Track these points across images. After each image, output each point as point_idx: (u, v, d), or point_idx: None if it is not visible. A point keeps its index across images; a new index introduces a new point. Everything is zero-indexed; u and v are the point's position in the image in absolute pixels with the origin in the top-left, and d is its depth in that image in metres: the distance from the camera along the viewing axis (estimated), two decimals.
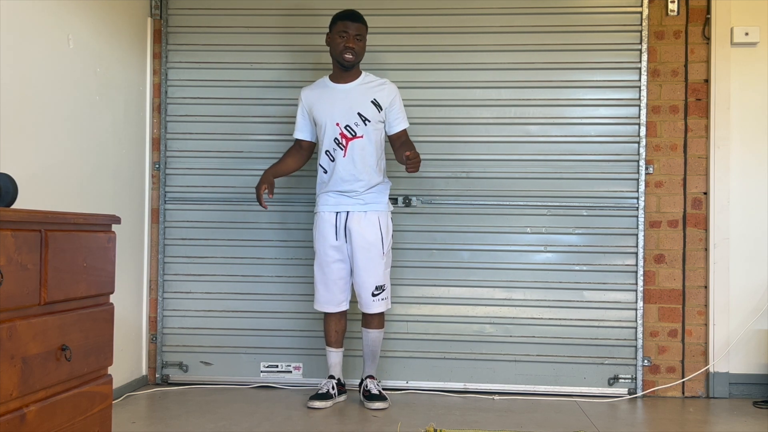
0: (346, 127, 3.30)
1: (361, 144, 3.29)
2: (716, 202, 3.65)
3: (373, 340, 3.43)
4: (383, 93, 3.34)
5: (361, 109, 3.30)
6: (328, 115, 3.32)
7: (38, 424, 1.84)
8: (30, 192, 2.69)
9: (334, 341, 3.45)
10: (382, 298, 3.34)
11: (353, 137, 3.30)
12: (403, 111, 3.38)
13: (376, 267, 3.31)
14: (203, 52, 3.87)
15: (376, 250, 3.30)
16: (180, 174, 3.87)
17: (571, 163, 3.73)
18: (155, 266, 3.85)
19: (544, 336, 3.72)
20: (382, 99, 3.33)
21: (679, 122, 3.71)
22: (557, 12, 3.74)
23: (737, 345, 3.64)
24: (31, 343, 1.81)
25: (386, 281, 3.36)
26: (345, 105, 3.31)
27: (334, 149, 3.31)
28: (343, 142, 3.30)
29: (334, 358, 3.46)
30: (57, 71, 2.94)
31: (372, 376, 3.46)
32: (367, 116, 3.30)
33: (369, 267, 3.30)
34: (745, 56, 3.67)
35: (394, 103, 3.35)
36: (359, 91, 3.33)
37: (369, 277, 3.31)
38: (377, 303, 3.34)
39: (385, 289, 3.35)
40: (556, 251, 3.73)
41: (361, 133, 3.30)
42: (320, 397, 3.35)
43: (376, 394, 3.36)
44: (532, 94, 3.75)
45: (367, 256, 3.30)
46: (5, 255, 1.70)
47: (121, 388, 3.51)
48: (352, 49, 3.28)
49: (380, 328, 3.43)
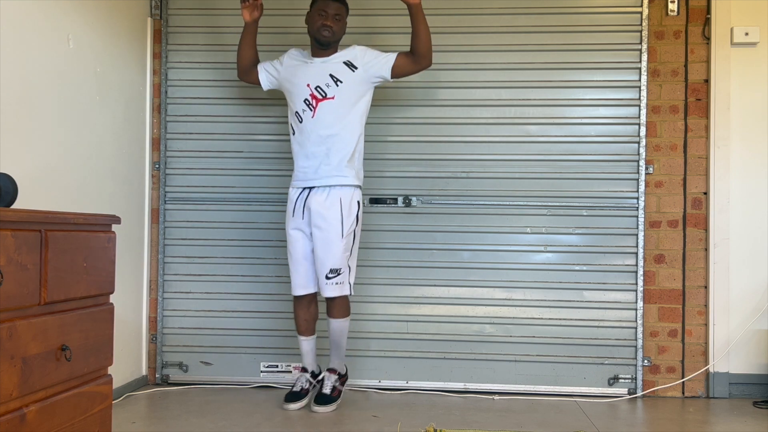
0: (317, 88, 3.25)
1: (331, 105, 3.24)
2: (716, 202, 3.65)
3: (335, 330, 3.33)
4: (353, 52, 3.31)
5: (332, 71, 3.27)
6: (301, 78, 3.29)
7: (38, 424, 1.84)
8: (30, 192, 2.69)
9: (304, 329, 3.37)
10: (336, 282, 3.21)
11: (323, 98, 3.24)
12: (380, 53, 3.30)
13: (333, 248, 3.19)
14: (203, 52, 3.87)
15: (335, 230, 3.19)
16: (180, 174, 3.87)
17: (571, 163, 3.73)
18: (155, 266, 3.85)
19: (544, 336, 3.72)
20: (354, 58, 3.29)
21: (679, 122, 3.71)
22: (557, 12, 3.74)
23: (737, 345, 3.64)
24: (31, 343, 1.81)
25: (344, 265, 3.23)
26: (318, 70, 3.29)
27: (304, 110, 3.26)
28: (313, 103, 3.24)
29: (305, 346, 3.39)
30: (57, 71, 2.94)
31: (333, 369, 3.37)
32: (339, 77, 3.25)
33: (325, 247, 3.20)
34: (745, 56, 3.67)
35: (366, 53, 3.29)
36: (333, 60, 3.31)
37: (324, 257, 3.20)
38: (330, 286, 3.21)
39: (341, 273, 3.22)
40: (556, 251, 3.73)
41: (332, 94, 3.24)
42: (294, 397, 3.32)
43: (325, 394, 3.28)
44: (532, 94, 3.75)
45: (323, 236, 3.20)
46: (5, 255, 1.70)
47: (121, 388, 3.51)
48: (330, 27, 3.26)
49: (343, 317, 3.31)
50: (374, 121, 3.68)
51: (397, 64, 3.29)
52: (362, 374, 3.74)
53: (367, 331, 3.76)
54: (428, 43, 3.26)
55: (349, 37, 3.45)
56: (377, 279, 3.76)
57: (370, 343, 3.76)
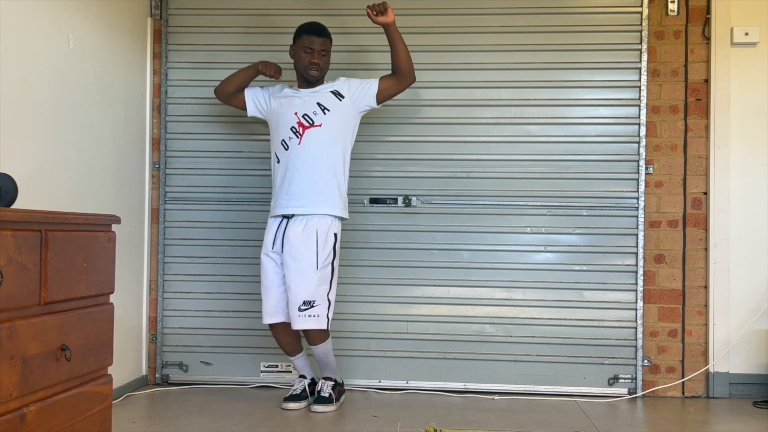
0: (304, 116, 3.26)
1: (318, 132, 3.24)
2: (716, 202, 3.65)
3: (318, 354, 3.30)
4: (338, 83, 3.33)
5: (320, 99, 3.28)
6: (287, 108, 3.29)
7: (38, 424, 1.84)
8: (30, 192, 2.69)
9: (290, 351, 3.37)
10: (310, 315, 3.15)
11: (311, 125, 3.25)
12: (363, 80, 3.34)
13: (307, 279, 3.14)
14: (203, 52, 3.87)
15: (308, 262, 3.15)
16: (180, 174, 3.87)
17: (571, 163, 3.73)
18: (155, 266, 3.85)
19: (544, 336, 3.72)
20: (341, 87, 3.31)
21: (679, 122, 3.71)
22: (557, 12, 3.74)
23: (737, 345, 3.64)
24: (31, 343, 1.81)
25: (319, 297, 3.16)
26: (305, 100, 3.30)
27: (290, 137, 3.25)
28: (300, 130, 3.24)
29: (296, 363, 3.41)
30: (57, 71, 2.94)
31: (329, 377, 3.36)
32: (327, 106, 3.26)
33: (298, 278, 3.15)
34: (745, 56, 3.67)
35: (350, 83, 3.32)
36: (322, 91, 3.32)
37: (297, 288, 3.15)
38: (303, 319, 3.15)
39: (315, 306, 3.15)
40: (556, 251, 3.73)
41: (319, 122, 3.25)
42: (294, 398, 3.32)
43: (325, 397, 3.28)
44: (532, 94, 3.75)
45: (297, 267, 3.16)
46: (5, 255, 1.70)
47: (121, 388, 3.51)
48: (317, 65, 3.27)
49: (322, 342, 3.25)
50: (374, 121, 3.69)
51: (381, 89, 3.31)
52: (362, 374, 3.74)
53: (367, 331, 3.76)
54: (409, 61, 3.28)
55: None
56: (377, 279, 3.76)
57: (370, 343, 3.76)
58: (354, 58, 3.76)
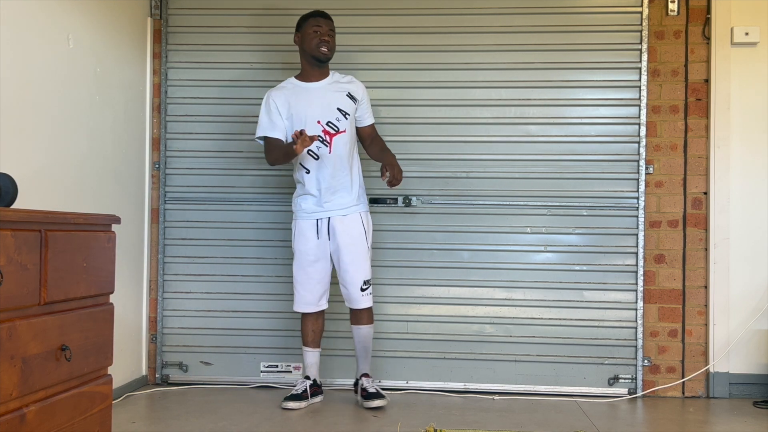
0: (328, 124, 3.30)
1: (344, 139, 3.31)
2: (716, 202, 3.65)
3: (365, 336, 3.41)
4: (355, 86, 3.39)
5: (339, 104, 3.32)
6: (307, 114, 3.29)
7: (38, 424, 1.84)
8: (30, 192, 2.69)
9: (311, 341, 3.43)
10: (370, 293, 3.37)
11: (337, 132, 3.30)
12: (370, 106, 3.45)
13: (363, 261, 3.34)
14: (203, 52, 3.87)
15: (362, 244, 3.33)
16: (180, 174, 3.87)
17: (571, 163, 3.73)
18: (155, 266, 3.85)
19: (544, 336, 3.72)
20: (356, 92, 3.37)
21: (679, 122, 3.71)
22: (557, 12, 3.74)
23: (737, 345, 3.64)
24: (31, 343, 1.81)
25: (371, 276, 3.39)
26: (323, 102, 3.31)
27: (319, 147, 3.28)
28: (327, 138, 3.29)
29: (310, 358, 3.44)
30: (57, 71, 2.94)
31: (367, 374, 3.43)
32: (346, 110, 3.33)
33: (356, 262, 3.32)
34: (745, 56, 3.67)
35: (364, 96, 3.40)
36: (333, 88, 3.35)
37: (357, 272, 3.32)
38: (366, 297, 3.35)
39: (371, 284, 3.38)
40: (556, 251, 3.73)
41: (343, 127, 3.31)
42: (295, 398, 3.33)
43: (374, 392, 3.35)
44: (532, 94, 3.74)
45: (353, 251, 3.32)
46: (5, 255, 1.70)
47: (121, 388, 3.51)
48: (327, 42, 3.31)
49: (371, 323, 3.42)
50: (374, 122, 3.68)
51: (367, 130, 3.44)
52: None
53: None
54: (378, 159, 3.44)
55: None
56: (377, 279, 3.75)
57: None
58: (354, 58, 3.76)
